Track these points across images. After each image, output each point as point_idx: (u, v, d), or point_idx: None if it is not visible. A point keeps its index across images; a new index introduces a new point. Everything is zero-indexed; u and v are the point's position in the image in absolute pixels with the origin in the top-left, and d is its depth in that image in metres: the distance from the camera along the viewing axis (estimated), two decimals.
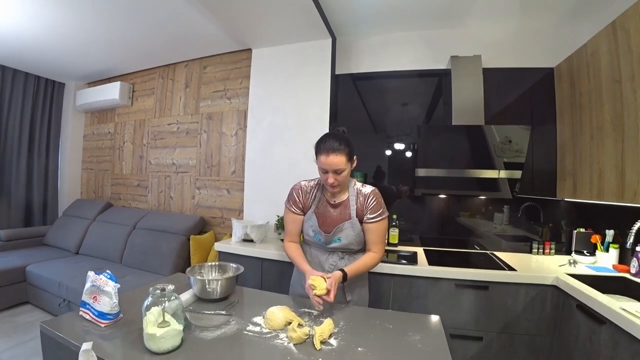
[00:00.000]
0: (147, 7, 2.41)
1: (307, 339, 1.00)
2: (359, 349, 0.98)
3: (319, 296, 1.16)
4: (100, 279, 1.13)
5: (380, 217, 1.39)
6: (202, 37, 2.86)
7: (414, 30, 2.59)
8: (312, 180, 1.51)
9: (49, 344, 1.04)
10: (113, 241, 3.24)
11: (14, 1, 2.36)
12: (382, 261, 2.03)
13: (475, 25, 2.48)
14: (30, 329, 2.55)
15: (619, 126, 1.71)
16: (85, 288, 1.14)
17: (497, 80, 2.36)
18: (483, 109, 2.21)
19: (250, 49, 2.84)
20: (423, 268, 1.93)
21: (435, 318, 1.24)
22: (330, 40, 2.55)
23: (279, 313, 1.10)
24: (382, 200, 1.43)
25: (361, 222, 1.41)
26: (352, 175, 2.48)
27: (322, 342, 0.99)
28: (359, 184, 1.46)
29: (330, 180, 1.31)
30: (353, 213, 1.40)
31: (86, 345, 0.79)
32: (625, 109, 1.67)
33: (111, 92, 3.72)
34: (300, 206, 1.47)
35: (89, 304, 1.11)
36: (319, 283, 1.18)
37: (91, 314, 1.10)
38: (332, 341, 1.01)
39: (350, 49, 2.73)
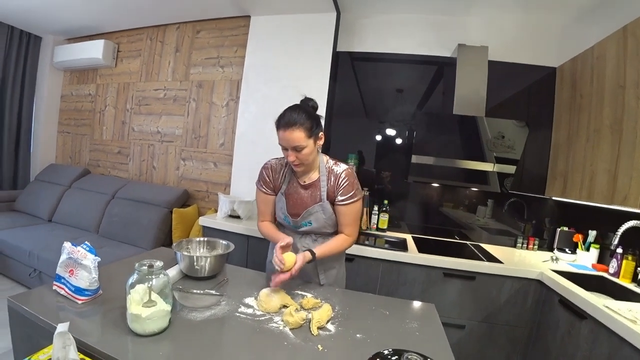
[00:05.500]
0: None
1: (304, 323, 0.96)
2: (358, 335, 0.95)
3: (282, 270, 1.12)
4: (78, 250, 1.03)
5: (352, 200, 1.29)
6: None
7: (422, 13, 2.50)
8: (283, 157, 1.37)
9: (17, 320, 0.95)
10: (90, 210, 3.08)
11: None
12: (372, 246, 2.03)
13: (483, 14, 2.41)
14: None
15: (617, 131, 1.72)
16: (61, 260, 1.04)
17: (497, 73, 2.31)
18: (485, 101, 2.18)
19: (248, 16, 2.67)
20: (413, 255, 1.94)
21: (430, 306, 1.23)
22: (335, 14, 2.42)
23: (273, 295, 1.05)
24: (356, 180, 1.33)
25: (333, 203, 1.32)
26: (346, 157, 2.48)
27: (320, 328, 0.95)
28: (331, 162, 1.35)
29: (291, 158, 1.21)
30: (324, 195, 1.30)
31: (62, 327, 0.70)
32: (625, 114, 1.68)
33: (94, 51, 3.44)
34: (271, 186, 1.39)
35: (64, 278, 1.02)
36: (289, 258, 1.14)
37: (67, 289, 1.01)
38: (330, 326, 0.98)
39: (353, 25, 2.61)
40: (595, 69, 1.94)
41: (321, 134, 1.27)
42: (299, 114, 1.19)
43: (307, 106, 1.26)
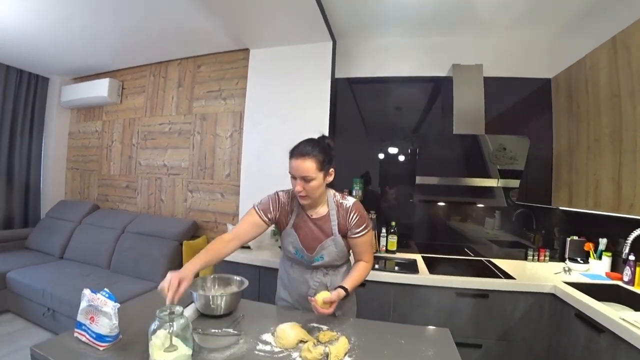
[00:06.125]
0: (140, 0, 2.30)
1: (322, 359, 0.97)
2: None
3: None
4: (98, 298, 1.05)
5: (366, 230, 1.35)
6: (198, 34, 2.77)
7: (415, 37, 2.58)
8: (290, 190, 1.38)
9: None
10: (101, 245, 3.11)
11: None
12: (383, 270, 2.05)
13: (474, 34, 2.49)
14: (13, 340, 2.42)
15: (617, 139, 1.74)
16: (81, 308, 1.06)
17: (493, 88, 2.35)
18: (484, 119, 2.22)
19: (247, 49, 2.77)
20: (424, 277, 1.94)
21: (445, 331, 1.23)
22: (331, 43, 2.51)
23: (290, 331, 1.06)
24: (365, 212, 1.38)
25: (344, 236, 1.36)
26: (351, 182, 2.52)
27: None
28: (338, 196, 1.38)
29: (298, 187, 1.24)
30: (335, 229, 1.34)
31: None
32: (623, 123, 1.70)
33: (99, 89, 3.57)
34: (270, 216, 1.36)
35: (85, 325, 1.04)
36: (323, 296, 1.19)
37: (88, 336, 1.02)
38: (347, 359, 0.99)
39: (350, 52, 2.70)
40: (590, 79, 1.97)
41: (332, 170, 1.30)
42: (313, 147, 1.24)
43: (322, 142, 1.30)
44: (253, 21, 2.31)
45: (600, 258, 2.09)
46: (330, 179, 1.31)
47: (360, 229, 1.34)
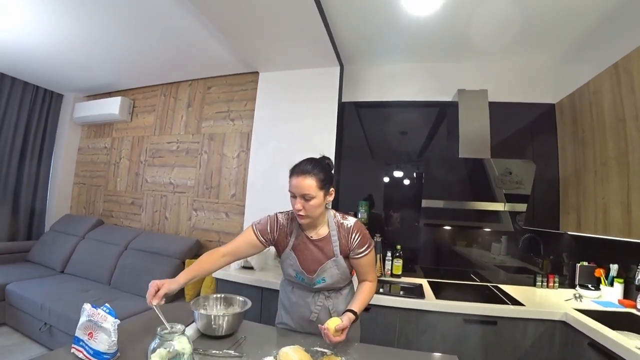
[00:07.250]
0: (155, 25, 2.41)
1: None
2: None
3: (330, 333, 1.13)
4: (98, 313, 1.04)
5: (369, 250, 1.33)
6: (209, 57, 2.87)
7: (420, 63, 2.65)
8: (289, 212, 1.37)
9: None
10: (102, 261, 3.09)
11: (18, 9, 2.31)
12: (388, 294, 2.01)
13: (477, 61, 2.55)
14: (7, 355, 2.36)
15: (624, 163, 1.73)
16: (80, 322, 1.05)
17: (498, 113, 2.36)
18: (489, 143, 2.23)
19: (257, 72, 2.84)
20: (431, 302, 1.88)
21: (452, 358, 1.18)
22: (338, 68, 2.58)
23: (293, 355, 1.03)
24: (366, 231, 1.35)
25: (346, 257, 1.33)
26: (356, 204, 2.50)
27: None
28: (339, 216, 1.36)
29: (297, 206, 1.22)
30: (337, 250, 1.31)
31: None
32: (630, 147, 1.70)
33: (111, 107, 3.66)
34: (268, 238, 1.34)
35: (83, 341, 1.02)
36: (334, 323, 1.14)
37: (85, 353, 1.00)
38: None
39: (357, 77, 2.76)
40: (594, 104, 1.99)
41: (332, 190, 1.29)
42: (314, 165, 1.24)
43: (323, 161, 1.31)
44: (264, 47, 2.39)
45: (611, 284, 2.04)
46: (330, 198, 1.30)
47: (363, 249, 1.31)
